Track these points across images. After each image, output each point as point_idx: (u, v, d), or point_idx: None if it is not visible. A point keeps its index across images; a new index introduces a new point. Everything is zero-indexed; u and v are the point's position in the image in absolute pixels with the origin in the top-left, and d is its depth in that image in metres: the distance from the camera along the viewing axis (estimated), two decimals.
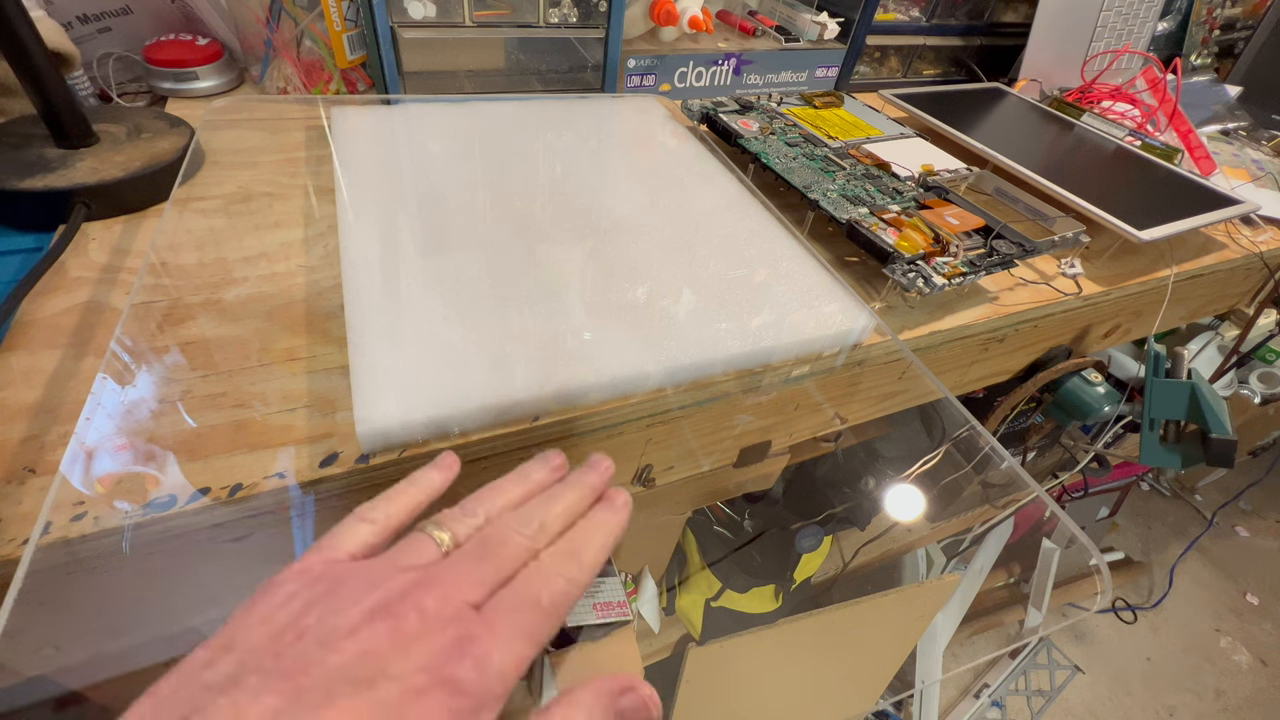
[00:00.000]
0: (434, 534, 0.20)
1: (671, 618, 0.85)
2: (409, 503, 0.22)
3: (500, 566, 0.19)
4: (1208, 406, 0.53)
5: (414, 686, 0.16)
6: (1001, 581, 1.25)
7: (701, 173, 0.49)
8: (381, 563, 0.19)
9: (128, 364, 0.29)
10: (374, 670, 0.16)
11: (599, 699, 0.18)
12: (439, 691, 0.16)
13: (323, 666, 0.15)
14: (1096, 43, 0.76)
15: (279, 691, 0.15)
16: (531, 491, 0.24)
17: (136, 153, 0.40)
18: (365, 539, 0.20)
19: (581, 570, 0.20)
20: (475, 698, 0.16)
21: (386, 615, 0.17)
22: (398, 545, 0.20)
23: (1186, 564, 1.46)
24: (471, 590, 0.18)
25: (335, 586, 0.18)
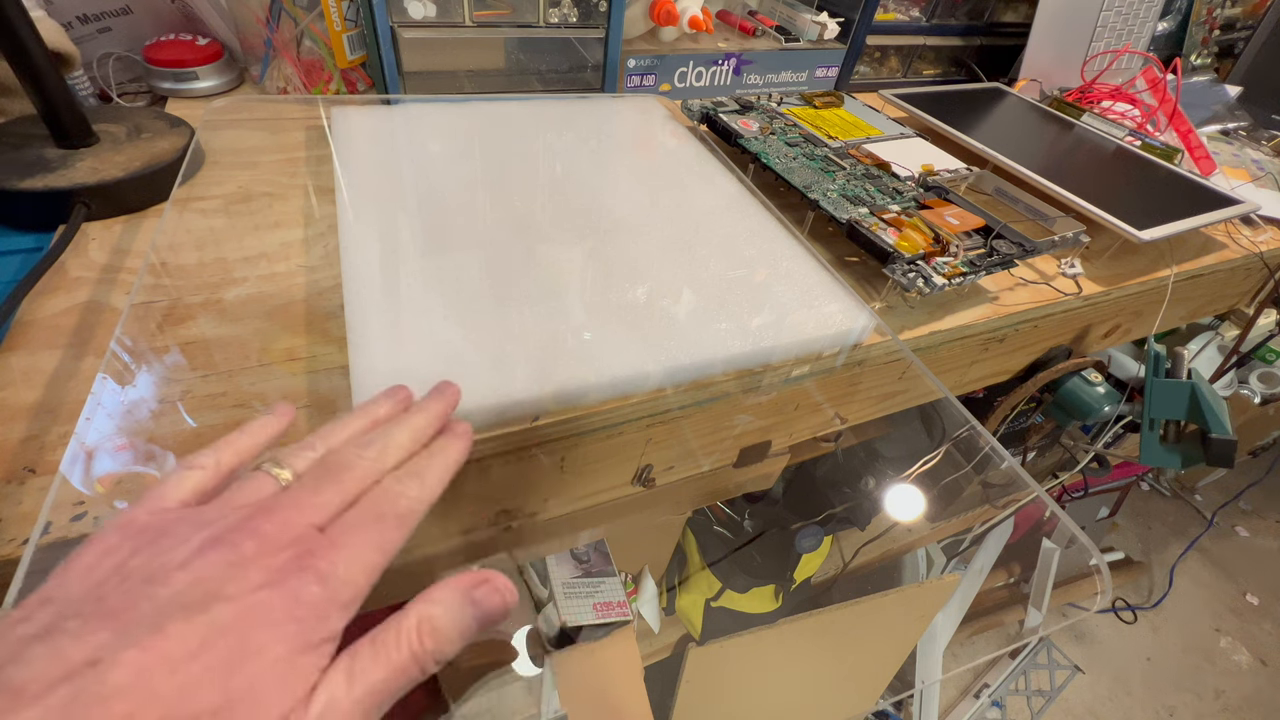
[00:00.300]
0: (272, 470, 0.20)
1: (671, 618, 0.85)
2: (241, 447, 0.21)
3: (342, 489, 0.19)
4: (1208, 406, 0.53)
5: (252, 602, 0.15)
6: (1001, 581, 1.25)
7: (701, 173, 0.49)
8: (215, 504, 0.18)
9: (128, 364, 0.29)
10: (207, 594, 0.15)
11: (453, 592, 0.18)
12: (278, 601, 0.15)
13: (151, 600, 0.15)
14: (1096, 43, 0.76)
15: (102, 629, 0.14)
16: (377, 424, 0.23)
17: (136, 153, 0.39)
18: (194, 485, 0.19)
19: (424, 488, 0.20)
20: (319, 605, 0.16)
21: (220, 545, 0.16)
22: (233, 485, 0.19)
23: (1186, 564, 1.46)
24: (312, 513, 0.18)
25: (163, 531, 0.17)
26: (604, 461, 0.36)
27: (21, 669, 0.13)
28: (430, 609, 0.18)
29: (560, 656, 0.62)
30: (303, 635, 0.15)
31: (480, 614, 0.18)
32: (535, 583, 0.67)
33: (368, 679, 0.16)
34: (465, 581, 0.18)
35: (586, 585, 0.67)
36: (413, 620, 0.17)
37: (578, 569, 0.68)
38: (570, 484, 0.37)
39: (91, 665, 0.13)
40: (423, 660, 0.17)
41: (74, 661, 0.13)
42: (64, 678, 0.13)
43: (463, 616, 0.18)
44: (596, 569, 0.69)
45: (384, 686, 0.16)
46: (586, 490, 0.38)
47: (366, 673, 0.16)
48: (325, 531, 0.18)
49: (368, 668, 0.16)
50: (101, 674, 0.13)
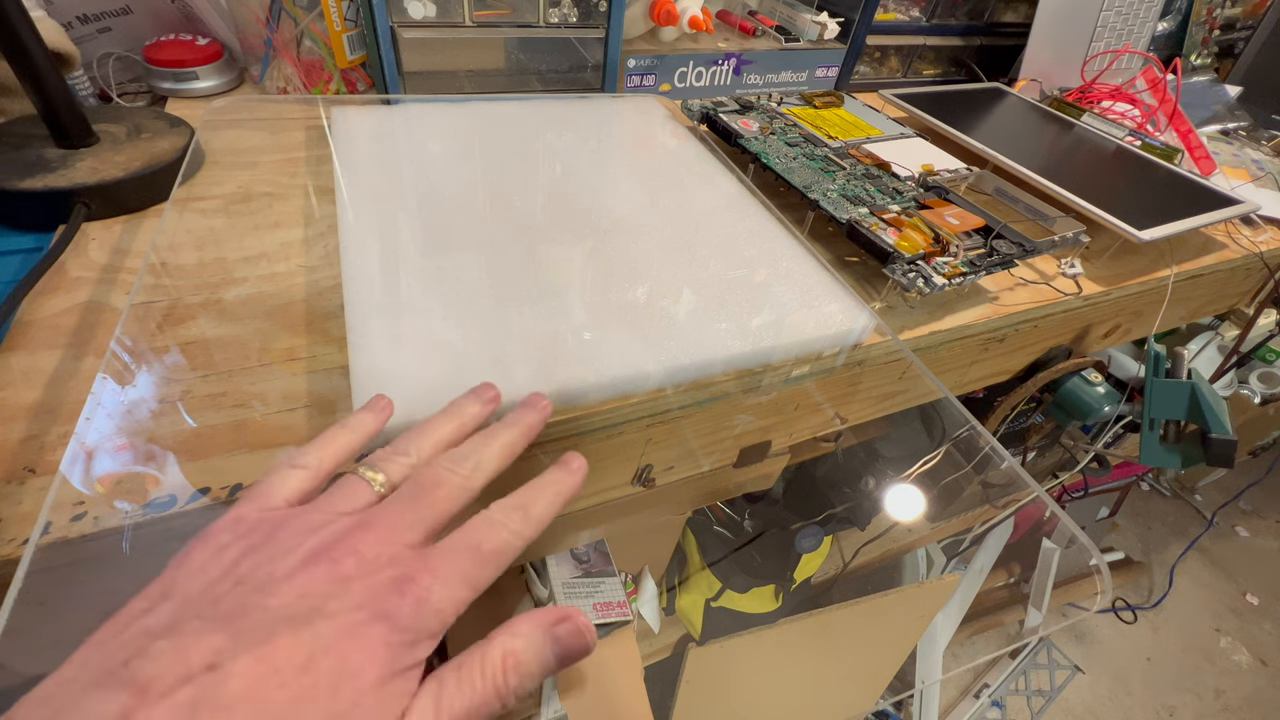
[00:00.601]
0: (366, 475, 0.20)
1: (671, 618, 0.85)
2: (341, 446, 0.22)
3: (435, 507, 0.20)
4: (1208, 406, 0.53)
5: (351, 622, 0.16)
6: (1001, 581, 1.25)
7: (701, 173, 0.49)
8: (316, 508, 0.19)
9: (128, 364, 0.29)
10: (312, 609, 0.16)
11: (537, 627, 0.19)
12: (376, 626, 0.16)
13: (262, 609, 0.16)
14: (1096, 43, 0.76)
15: (218, 633, 0.15)
16: (465, 426, 0.24)
17: (136, 153, 0.39)
18: (298, 485, 0.20)
19: (527, 524, 0.21)
20: (411, 632, 0.17)
21: (323, 559, 0.17)
22: (331, 489, 0.20)
23: (1186, 564, 1.46)
24: (407, 532, 0.19)
25: (271, 534, 0.18)
26: (604, 461, 0.36)
27: (148, 664, 0.14)
28: (514, 642, 0.18)
29: None
30: (396, 660, 0.16)
31: (561, 651, 0.19)
32: (535, 583, 0.67)
33: (453, 708, 0.17)
34: (549, 618, 0.19)
35: (586, 585, 0.67)
36: (498, 653, 0.18)
37: (578, 569, 0.68)
38: None
39: (210, 670, 0.14)
40: (504, 695, 0.17)
41: (195, 664, 0.14)
42: (186, 679, 0.14)
43: (545, 653, 0.18)
44: (596, 569, 0.69)
45: (466, 716, 0.17)
46: (586, 490, 0.38)
47: (452, 702, 0.17)
48: (419, 553, 0.18)
49: (453, 697, 0.17)
50: (220, 680, 0.14)
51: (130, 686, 0.14)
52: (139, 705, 0.13)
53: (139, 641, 0.15)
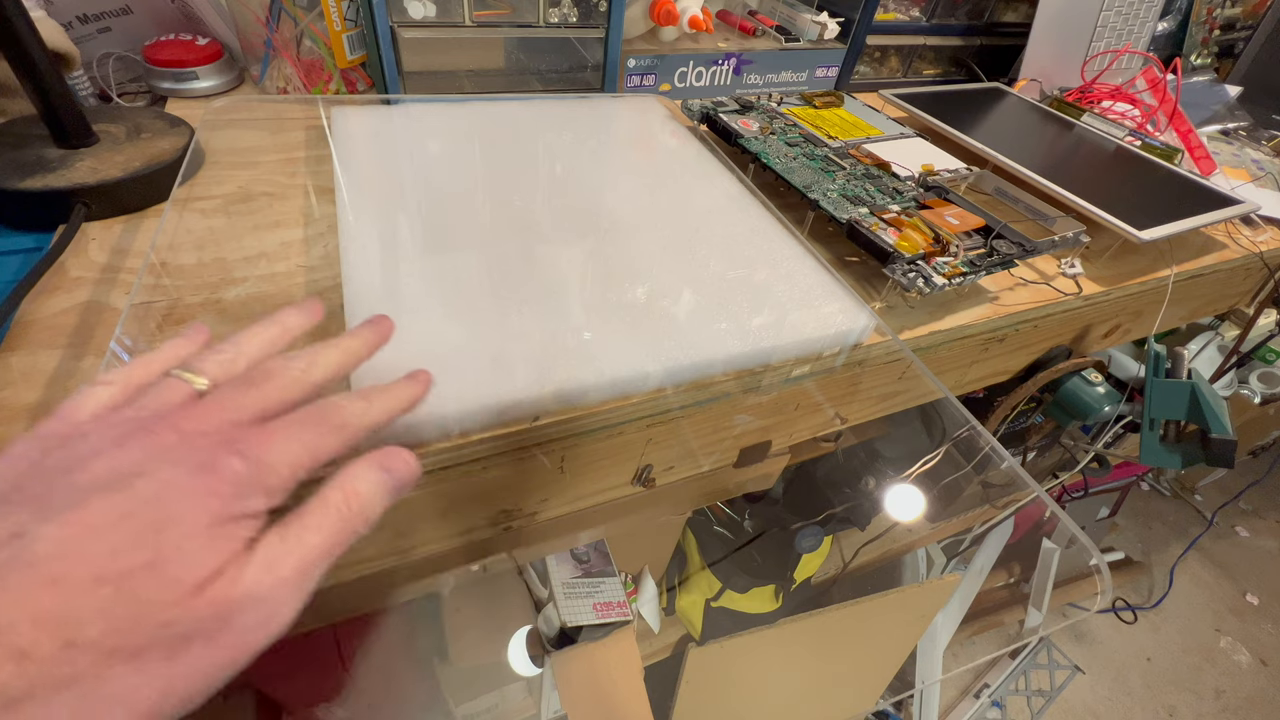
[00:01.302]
0: (184, 375, 0.19)
1: (671, 618, 0.85)
2: (154, 363, 0.21)
3: (267, 394, 0.19)
4: (1208, 406, 0.53)
5: (170, 478, 0.16)
6: (1001, 581, 1.25)
7: (701, 172, 0.49)
8: (126, 409, 0.18)
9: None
10: (126, 475, 0.16)
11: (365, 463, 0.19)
12: (199, 478, 0.16)
13: (70, 486, 0.15)
14: (1096, 43, 0.76)
15: (22, 510, 0.15)
16: (289, 331, 0.23)
17: (136, 153, 0.39)
18: (104, 400, 0.19)
19: (368, 411, 0.20)
20: (238, 485, 0.16)
21: (139, 435, 0.17)
22: (145, 393, 0.19)
23: (1186, 564, 1.46)
24: (235, 412, 0.18)
25: (75, 438, 0.17)
26: (604, 461, 0.36)
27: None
28: (349, 480, 0.19)
29: (560, 656, 0.62)
30: (225, 508, 0.16)
31: (395, 480, 0.20)
32: (535, 583, 0.67)
33: (303, 538, 0.17)
34: (375, 455, 0.20)
35: (586, 585, 0.67)
36: (336, 490, 0.18)
37: (578, 569, 0.68)
38: (570, 484, 0.37)
39: (15, 538, 0.14)
40: (351, 520, 0.18)
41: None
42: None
43: (380, 482, 0.19)
44: (596, 569, 0.69)
45: (320, 544, 0.17)
46: (586, 490, 0.38)
47: (300, 534, 0.17)
48: (251, 427, 0.18)
49: (300, 530, 0.17)
50: (27, 544, 0.14)
51: None
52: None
53: None
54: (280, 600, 0.16)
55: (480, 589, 0.65)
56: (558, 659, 0.62)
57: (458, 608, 0.62)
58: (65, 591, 0.14)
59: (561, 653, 0.63)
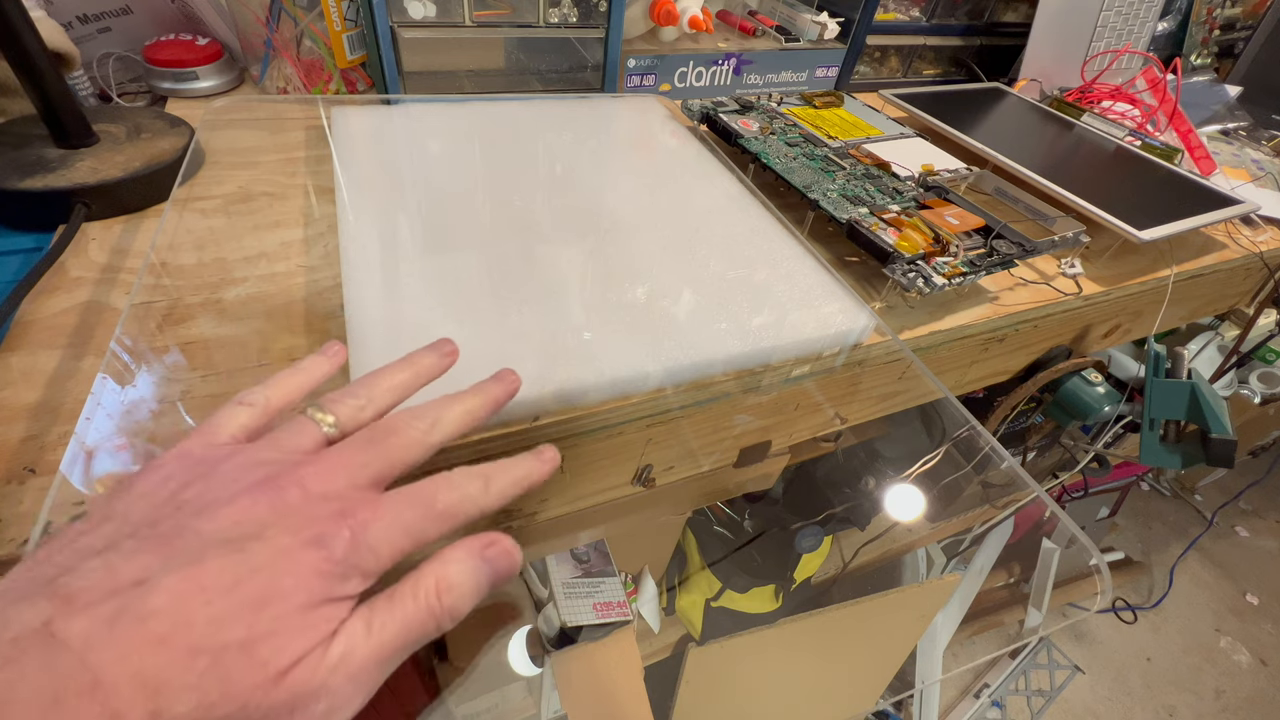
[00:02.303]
0: (315, 415, 0.20)
1: (671, 618, 0.85)
2: (290, 387, 0.22)
3: (389, 454, 0.19)
4: (1208, 406, 0.53)
5: (284, 547, 0.16)
6: (1001, 581, 1.25)
7: (701, 172, 0.49)
8: (262, 444, 0.19)
9: (128, 364, 0.29)
10: (247, 535, 0.16)
11: (467, 552, 0.19)
12: (309, 553, 0.16)
13: (196, 533, 0.16)
14: (1096, 43, 0.76)
15: (151, 553, 0.15)
16: (420, 376, 0.23)
17: (136, 153, 0.39)
18: (245, 422, 0.20)
19: (485, 494, 0.20)
20: (344, 565, 0.17)
21: (268, 489, 0.17)
22: (279, 428, 0.20)
23: (1186, 564, 1.46)
24: (358, 472, 0.18)
25: (216, 466, 0.18)
26: (604, 461, 0.36)
27: (77, 579, 0.14)
28: (446, 568, 0.18)
29: (560, 656, 0.62)
30: (325, 589, 0.16)
31: (493, 572, 0.19)
32: (535, 583, 0.67)
33: (385, 630, 0.17)
34: (477, 543, 0.19)
35: (586, 585, 0.67)
36: (430, 579, 0.18)
37: (578, 569, 0.68)
38: (570, 484, 0.37)
39: (137, 585, 0.14)
40: (439, 616, 0.18)
41: (123, 580, 0.14)
42: (112, 593, 0.14)
43: (477, 574, 0.19)
44: (596, 569, 0.69)
45: (400, 638, 0.17)
46: (586, 490, 0.38)
47: (385, 625, 0.17)
48: (367, 495, 0.18)
49: (386, 621, 0.17)
50: (144, 595, 0.14)
51: (55, 598, 0.14)
52: (61, 614, 0.14)
53: (72, 559, 0.15)
54: (349, 694, 0.16)
55: None
56: (558, 659, 0.62)
57: None
58: (167, 656, 0.14)
59: (561, 653, 0.63)
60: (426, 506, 0.19)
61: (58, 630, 0.13)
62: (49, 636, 0.13)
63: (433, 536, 0.19)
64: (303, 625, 0.16)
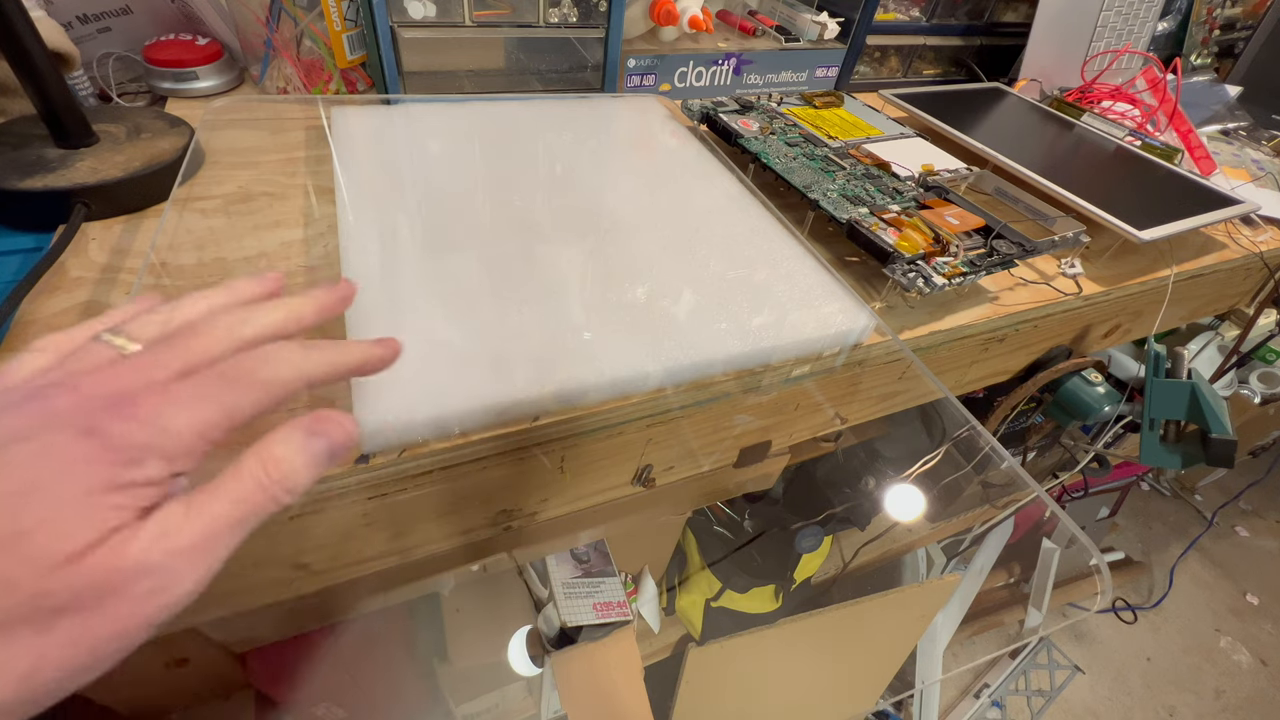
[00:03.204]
0: (108, 339, 0.18)
1: (671, 618, 0.85)
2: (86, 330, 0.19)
3: (190, 349, 0.17)
4: (1208, 406, 0.53)
5: (48, 443, 0.15)
6: (1001, 581, 1.25)
7: (701, 172, 0.49)
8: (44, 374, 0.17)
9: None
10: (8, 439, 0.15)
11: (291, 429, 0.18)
12: (80, 443, 0.15)
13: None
14: (1096, 43, 0.76)
15: None
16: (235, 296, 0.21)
17: (136, 153, 0.39)
18: (38, 365, 0.18)
19: (306, 359, 0.18)
20: (129, 450, 0.15)
21: (34, 399, 0.16)
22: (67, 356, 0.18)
23: (1186, 564, 1.46)
24: (150, 371, 0.17)
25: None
26: (604, 461, 0.36)
27: None
28: (269, 447, 0.17)
29: (560, 656, 0.63)
30: (106, 475, 0.15)
31: (328, 444, 0.18)
32: (535, 583, 0.67)
33: (210, 507, 0.16)
34: (304, 420, 0.18)
35: (586, 585, 0.67)
36: (252, 458, 0.17)
37: (578, 569, 0.68)
38: (570, 484, 0.37)
39: None
40: (269, 488, 0.17)
41: None
42: None
43: (307, 447, 0.18)
44: (596, 569, 0.69)
45: (231, 513, 0.16)
46: (586, 490, 0.38)
47: (207, 504, 0.16)
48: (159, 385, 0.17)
49: (208, 500, 0.16)
50: None
51: None
52: None
53: None
54: (177, 570, 0.15)
55: (480, 589, 0.65)
56: (558, 659, 0.62)
57: (458, 608, 0.62)
58: None
59: (561, 653, 0.63)
60: (234, 376, 0.17)
61: None
62: None
63: (249, 409, 0.17)
64: (85, 511, 0.15)
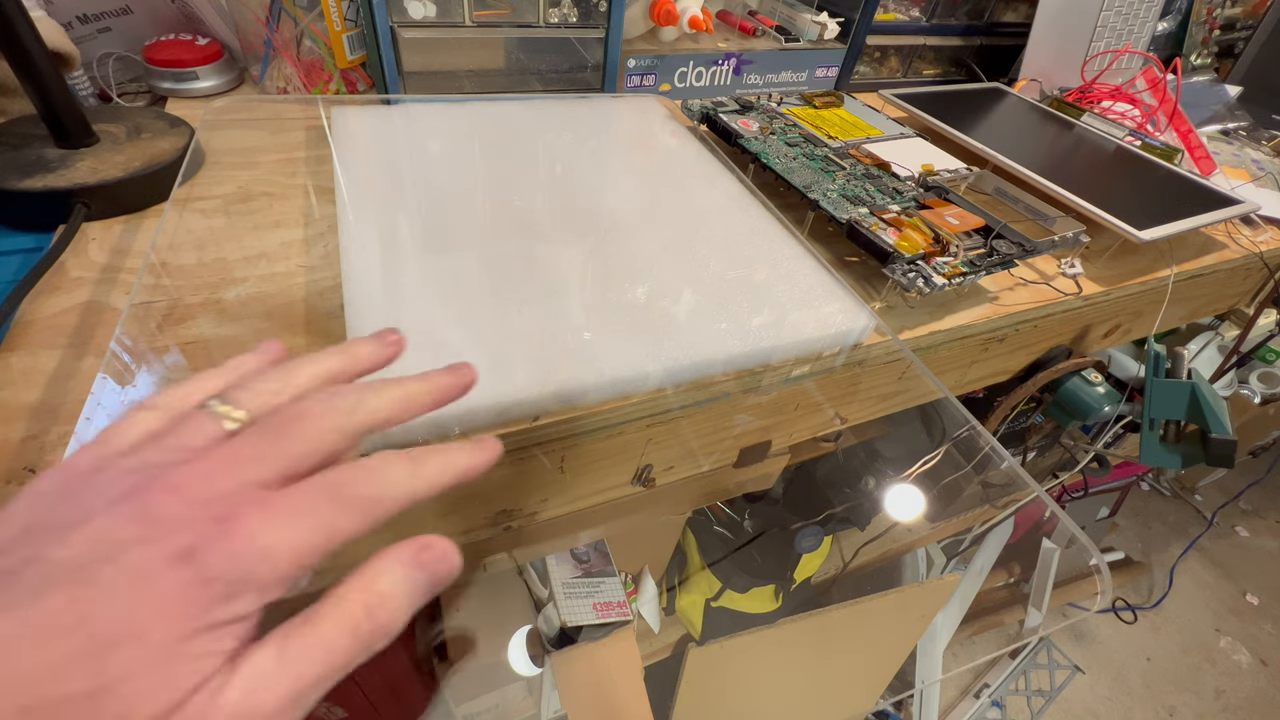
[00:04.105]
0: (215, 409, 0.17)
1: (671, 618, 0.85)
2: (207, 387, 0.18)
3: (297, 441, 0.16)
4: (1208, 406, 0.53)
5: (143, 569, 0.13)
6: (1001, 581, 1.25)
7: (701, 173, 0.49)
8: (147, 448, 0.16)
9: (128, 364, 0.29)
10: (102, 558, 0.13)
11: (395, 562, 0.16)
12: (175, 572, 0.13)
13: (45, 563, 0.13)
14: (1096, 43, 0.76)
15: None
16: (357, 363, 0.20)
17: (136, 153, 0.39)
18: (146, 428, 0.17)
19: (413, 477, 0.17)
20: (224, 582, 0.14)
21: (134, 499, 0.14)
22: (173, 426, 0.16)
23: (1186, 564, 1.46)
24: (250, 467, 0.15)
25: (89, 480, 0.15)
26: (604, 461, 0.36)
27: None
28: (374, 580, 0.16)
29: (560, 656, 0.63)
30: (202, 614, 0.13)
31: (429, 579, 0.16)
32: (535, 583, 0.67)
33: (302, 660, 0.14)
34: (410, 548, 0.16)
35: (586, 585, 0.67)
36: (356, 594, 0.15)
37: (578, 569, 0.68)
38: (570, 484, 0.37)
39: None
40: (367, 637, 0.15)
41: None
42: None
43: (411, 583, 0.16)
44: (596, 569, 0.69)
45: (321, 667, 0.14)
46: (586, 490, 0.38)
47: (301, 653, 0.14)
48: (262, 494, 0.15)
49: (302, 647, 0.14)
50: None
51: None
52: None
53: None
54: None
55: (480, 589, 0.65)
56: (558, 659, 0.62)
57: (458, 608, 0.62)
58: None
59: (561, 653, 0.63)
60: (337, 494, 0.16)
61: None
62: None
63: (350, 532, 0.16)
64: (169, 664, 0.13)
